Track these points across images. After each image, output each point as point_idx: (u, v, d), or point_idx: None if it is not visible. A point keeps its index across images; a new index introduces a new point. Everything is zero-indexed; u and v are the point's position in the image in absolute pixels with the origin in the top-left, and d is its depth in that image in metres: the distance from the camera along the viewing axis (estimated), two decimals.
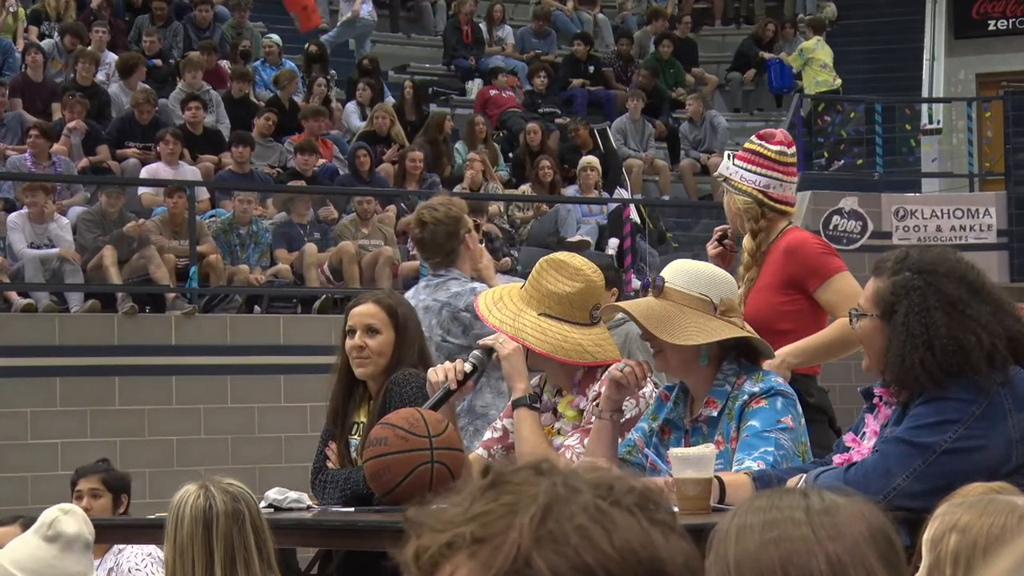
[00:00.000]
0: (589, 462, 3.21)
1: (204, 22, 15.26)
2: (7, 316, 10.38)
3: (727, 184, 4.82)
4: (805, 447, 3.82)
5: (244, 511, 3.49)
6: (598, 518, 1.27)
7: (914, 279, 3.40)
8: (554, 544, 1.25)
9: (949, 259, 3.46)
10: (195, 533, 3.44)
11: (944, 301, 3.35)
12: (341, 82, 15.52)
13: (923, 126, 16.14)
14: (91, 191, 12.01)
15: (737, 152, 4.88)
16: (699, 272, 3.93)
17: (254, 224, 11.69)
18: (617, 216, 13.33)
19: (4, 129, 12.34)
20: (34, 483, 9.39)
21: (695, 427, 3.89)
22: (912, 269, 3.41)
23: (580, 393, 4.24)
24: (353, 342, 4.56)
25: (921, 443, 3.32)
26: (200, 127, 13.04)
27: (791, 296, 4.76)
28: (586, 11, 18.57)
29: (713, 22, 19.76)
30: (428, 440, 4.05)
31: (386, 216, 12.60)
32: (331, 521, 4.17)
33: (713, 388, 3.85)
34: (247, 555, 3.45)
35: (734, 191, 4.80)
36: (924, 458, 3.31)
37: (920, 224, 13.91)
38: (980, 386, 3.32)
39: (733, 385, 3.82)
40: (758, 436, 3.71)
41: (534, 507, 1.28)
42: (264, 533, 3.54)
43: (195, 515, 3.45)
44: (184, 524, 3.45)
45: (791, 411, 3.78)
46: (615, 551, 1.26)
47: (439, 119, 14.32)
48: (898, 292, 3.39)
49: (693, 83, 17.59)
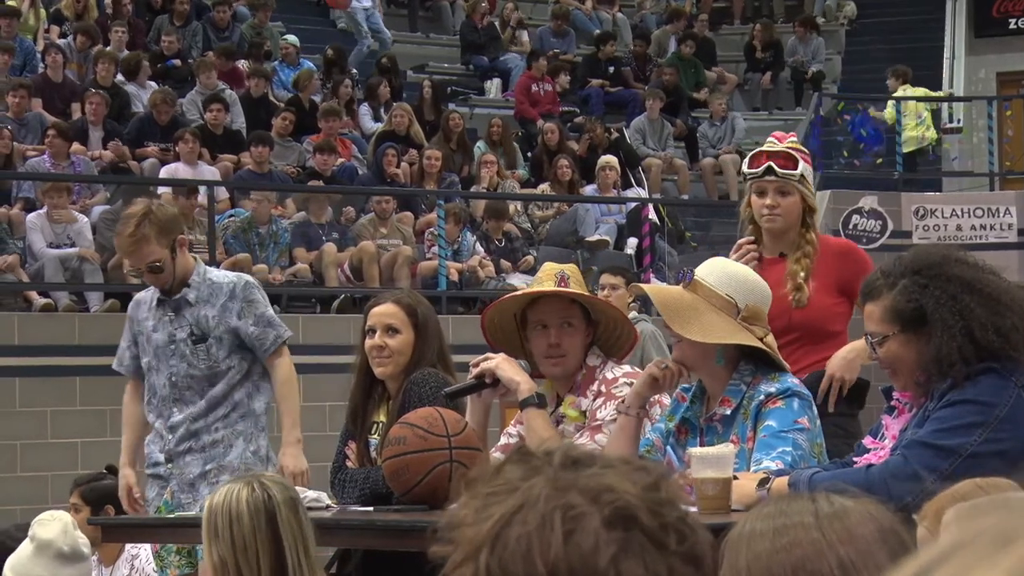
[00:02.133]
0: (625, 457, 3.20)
1: (223, 22, 15.29)
2: (27, 315, 10.41)
3: (801, 184, 4.66)
4: (821, 448, 3.81)
5: (296, 498, 3.52)
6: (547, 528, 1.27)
7: (918, 280, 3.36)
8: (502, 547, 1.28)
9: (933, 251, 3.46)
10: (258, 526, 3.42)
11: (965, 287, 3.33)
12: (360, 82, 15.54)
13: (943, 125, 16.09)
14: (111, 191, 12.04)
15: (800, 153, 4.74)
16: (733, 273, 3.91)
17: (273, 224, 11.70)
18: (636, 216, 13.32)
19: (24, 129, 12.37)
20: (53, 482, 9.40)
21: (709, 426, 3.88)
22: (907, 275, 3.38)
23: (581, 394, 4.23)
24: (373, 342, 4.56)
25: (947, 446, 3.30)
26: (220, 127, 13.07)
27: (840, 299, 4.72)
28: (605, 10, 18.56)
29: (732, 20, 19.73)
30: (447, 439, 4.05)
31: (404, 216, 12.61)
32: (350, 520, 4.17)
33: (729, 387, 3.84)
34: (306, 542, 3.46)
35: (807, 191, 4.67)
36: (951, 461, 3.28)
37: (940, 223, 13.86)
38: (1005, 379, 3.29)
39: (749, 385, 3.82)
40: (776, 436, 3.71)
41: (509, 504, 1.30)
42: (309, 520, 3.55)
43: (255, 508, 3.44)
44: (243, 520, 3.42)
45: (807, 412, 3.78)
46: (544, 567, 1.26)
47: (448, 118, 14.32)
48: (913, 297, 3.36)
49: (714, 80, 17.56)
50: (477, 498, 1.32)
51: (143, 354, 5.59)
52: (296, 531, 3.46)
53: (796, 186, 4.65)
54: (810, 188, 4.70)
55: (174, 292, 5.54)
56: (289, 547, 3.44)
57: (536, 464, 1.34)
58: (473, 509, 1.32)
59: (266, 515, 3.43)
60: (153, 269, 5.45)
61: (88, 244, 10.95)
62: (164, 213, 5.60)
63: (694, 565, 1.32)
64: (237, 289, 5.57)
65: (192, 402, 5.53)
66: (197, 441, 5.53)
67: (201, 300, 5.53)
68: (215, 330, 5.51)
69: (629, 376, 4.20)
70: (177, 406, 5.54)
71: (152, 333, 5.56)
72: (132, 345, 5.64)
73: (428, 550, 1.36)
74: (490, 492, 1.32)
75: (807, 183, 4.68)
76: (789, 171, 4.63)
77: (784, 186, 4.64)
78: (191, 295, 5.53)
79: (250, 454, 5.58)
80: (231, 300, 5.54)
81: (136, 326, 5.63)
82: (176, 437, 5.53)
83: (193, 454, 5.53)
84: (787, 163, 4.64)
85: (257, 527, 3.42)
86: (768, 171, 4.64)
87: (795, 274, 4.62)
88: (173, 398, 5.54)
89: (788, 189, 4.65)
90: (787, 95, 18.04)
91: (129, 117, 13.26)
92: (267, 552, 3.42)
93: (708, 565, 1.35)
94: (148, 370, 5.58)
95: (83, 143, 12.33)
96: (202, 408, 5.54)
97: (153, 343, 5.56)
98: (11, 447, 9.89)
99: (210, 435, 5.53)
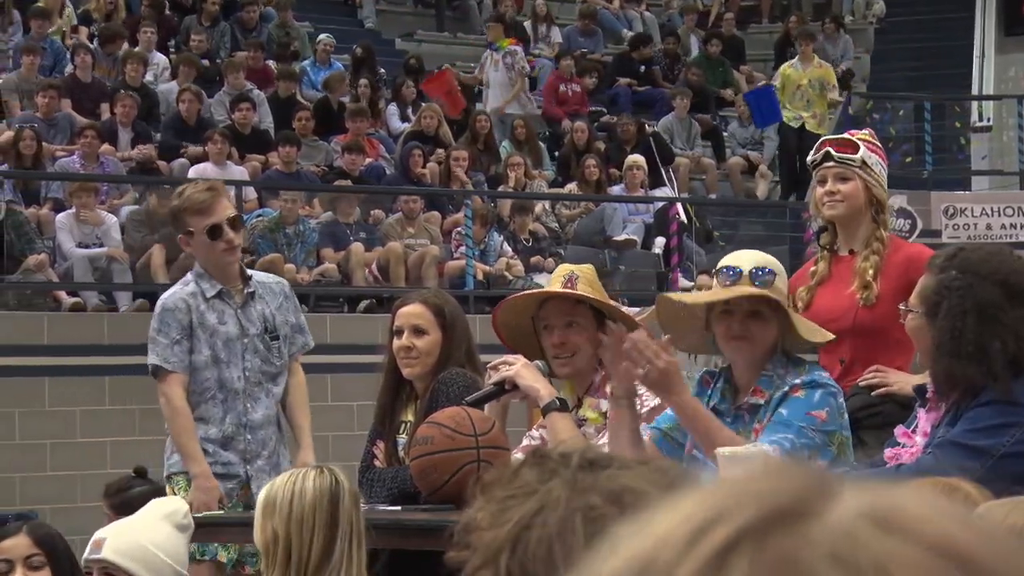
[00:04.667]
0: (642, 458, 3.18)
1: (251, 22, 15.33)
2: (56, 315, 10.45)
3: (863, 171, 4.57)
4: (843, 441, 3.81)
5: (359, 496, 3.56)
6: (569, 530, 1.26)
7: (956, 279, 3.38)
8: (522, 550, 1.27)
9: (994, 260, 3.44)
10: (319, 506, 3.45)
11: (979, 305, 3.33)
12: (388, 82, 15.55)
13: (973, 123, 16.02)
14: (140, 191, 12.08)
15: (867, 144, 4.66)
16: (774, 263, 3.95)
17: (300, 224, 11.72)
18: (663, 215, 13.29)
19: (54, 130, 12.42)
20: (83, 482, 9.43)
21: (737, 414, 3.88)
22: (958, 268, 3.39)
23: (600, 395, 4.22)
24: (400, 343, 4.55)
25: (978, 447, 3.29)
26: (248, 127, 13.10)
27: None
28: (632, 9, 18.53)
29: (760, 19, 19.67)
30: (474, 439, 4.05)
31: (431, 216, 12.62)
32: (378, 519, 4.17)
33: (762, 377, 3.84)
34: (360, 536, 3.49)
35: (871, 180, 4.58)
36: (982, 462, 3.27)
37: (970, 222, 13.80)
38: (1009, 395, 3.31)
39: (781, 377, 3.82)
40: (782, 422, 3.73)
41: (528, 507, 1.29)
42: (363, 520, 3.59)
43: (321, 489, 3.47)
44: (306, 496, 3.46)
45: (829, 403, 3.78)
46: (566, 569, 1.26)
47: (475, 119, 14.31)
48: (940, 292, 3.38)
49: (745, 78, 17.50)
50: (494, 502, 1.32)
51: (203, 347, 5.32)
52: (354, 522, 3.49)
53: (856, 172, 4.55)
54: (879, 180, 4.58)
55: (236, 283, 5.39)
56: (343, 534, 3.46)
57: (553, 466, 1.33)
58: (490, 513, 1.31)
59: (330, 496, 3.47)
60: (235, 223, 5.30)
61: (117, 244, 10.99)
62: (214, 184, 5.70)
63: None
64: (287, 290, 5.59)
65: (260, 399, 5.42)
66: (266, 446, 5.45)
67: (259, 297, 5.46)
68: (282, 328, 5.46)
69: None
70: (250, 402, 5.39)
71: (219, 326, 5.34)
72: (184, 339, 5.32)
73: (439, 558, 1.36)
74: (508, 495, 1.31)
75: (871, 172, 4.57)
76: (847, 155, 4.55)
77: (844, 172, 4.55)
78: (256, 290, 5.41)
79: (288, 463, 5.51)
80: (286, 300, 5.53)
81: (196, 317, 5.32)
82: (258, 438, 5.40)
83: (263, 458, 5.43)
84: (846, 148, 4.58)
85: (319, 505, 3.45)
86: (826, 157, 4.57)
87: (864, 271, 4.52)
88: (247, 393, 5.39)
89: (848, 175, 4.56)
90: None
91: (158, 118, 13.31)
92: (322, 533, 3.45)
93: None
94: (211, 364, 5.34)
95: (112, 144, 12.37)
96: (273, 411, 5.45)
97: (222, 336, 5.33)
98: (40, 446, 9.93)
99: (272, 441, 5.49)
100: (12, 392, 9.92)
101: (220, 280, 5.38)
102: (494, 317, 4.38)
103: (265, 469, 5.37)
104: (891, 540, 0.71)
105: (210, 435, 5.34)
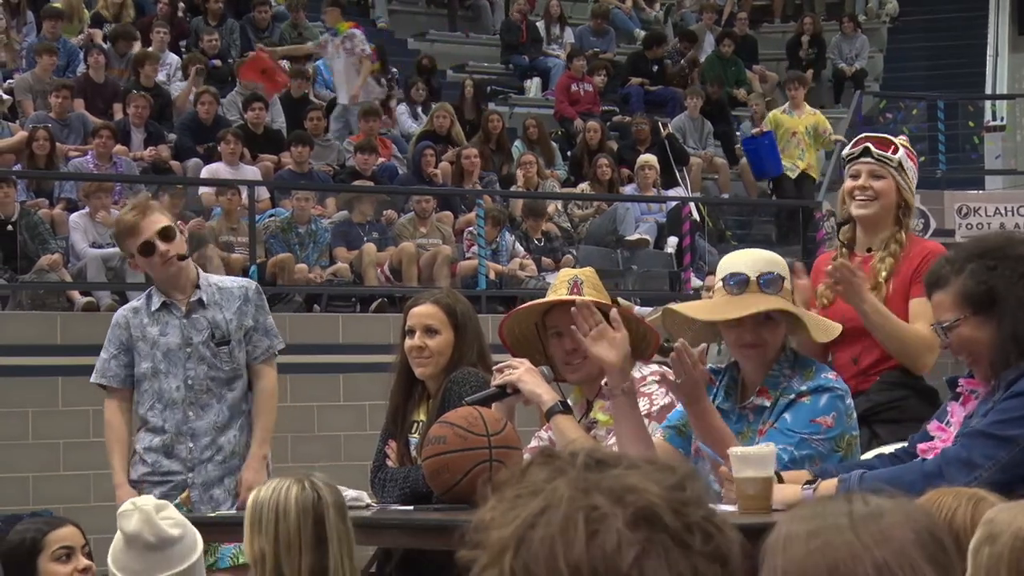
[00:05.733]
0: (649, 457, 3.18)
1: (263, 22, 15.34)
2: (69, 315, 10.47)
3: (898, 173, 4.56)
4: (851, 441, 3.80)
5: (343, 503, 3.52)
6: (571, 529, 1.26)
7: (984, 263, 3.36)
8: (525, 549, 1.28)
9: (993, 238, 3.48)
10: (304, 525, 3.41)
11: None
12: (400, 81, 15.56)
13: (986, 123, 16.00)
14: (152, 191, 12.10)
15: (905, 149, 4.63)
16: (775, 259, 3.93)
17: (313, 223, 11.73)
18: (676, 215, 13.28)
19: (67, 130, 12.45)
20: (96, 481, 9.45)
21: (741, 414, 3.88)
22: (973, 259, 3.38)
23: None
24: (412, 343, 4.55)
25: (1006, 436, 3.30)
26: (261, 127, 13.12)
27: None
28: (645, 8, 18.53)
29: (773, 19, 19.66)
30: (487, 439, 4.04)
31: (444, 215, 12.62)
32: (390, 519, 4.17)
33: (768, 377, 3.84)
34: (350, 548, 3.46)
35: (903, 183, 4.57)
36: (1008, 450, 3.29)
37: (983, 221, 13.77)
38: None
39: (787, 378, 3.82)
40: (783, 431, 3.72)
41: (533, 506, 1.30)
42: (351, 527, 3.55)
43: (303, 507, 3.43)
44: (290, 516, 3.42)
45: (836, 407, 3.77)
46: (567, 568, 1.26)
47: (488, 119, 14.30)
48: (982, 279, 3.36)
49: (758, 77, 17.48)
50: (503, 501, 1.32)
51: (143, 360, 5.47)
52: (343, 535, 3.46)
53: (892, 172, 4.54)
54: (909, 183, 4.58)
55: (181, 295, 5.45)
56: (334, 550, 3.43)
57: (560, 466, 1.33)
58: (499, 512, 1.32)
59: (314, 516, 3.43)
60: (166, 235, 5.33)
61: None
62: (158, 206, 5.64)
63: (720, 564, 1.31)
64: (250, 293, 5.56)
65: (209, 406, 5.47)
66: (220, 451, 5.50)
67: (213, 303, 5.48)
68: (236, 333, 5.48)
69: (656, 374, 4.19)
70: (193, 410, 5.46)
71: (160, 337, 5.46)
72: (121, 354, 5.49)
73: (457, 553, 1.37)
74: (515, 495, 1.32)
75: (905, 175, 4.56)
76: (886, 154, 4.54)
77: (879, 170, 4.54)
78: (203, 297, 5.47)
79: None
80: (245, 304, 5.53)
81: (134, 332, 5.47)
82: (200, 445, 5.46)
83: (215, 463, 5.48)
84: (885, 147, 4.56)
85: (303, 526, 3.42)
86: (865, 152, 4.55)
87: (877, 272, 4.51)
88: (189, 401, 5.46)
89: (883, 173, 4.54)
90: (828, 93, 17.95)
91: (171, 117, 13.33)
92: (310, 552, 3.42)
93: (736, 564, 1.33)
94: (150, 375, 5.46)
95: (125, 144, 12.39)
96: (225, 416, 5.48)
97: (162, 347, 5.45)
98: (54, 446, 9.95)
99: (230, 445, 5.50)
100: (25, 392, 9.94)
101: (170, 291, 5.46)
102: (501, 326, 4.38)
103: (216, 474, 5.46)
104: None
105: (153, 444, 5.48)
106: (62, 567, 3.97)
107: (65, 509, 9.07)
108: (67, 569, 3.97)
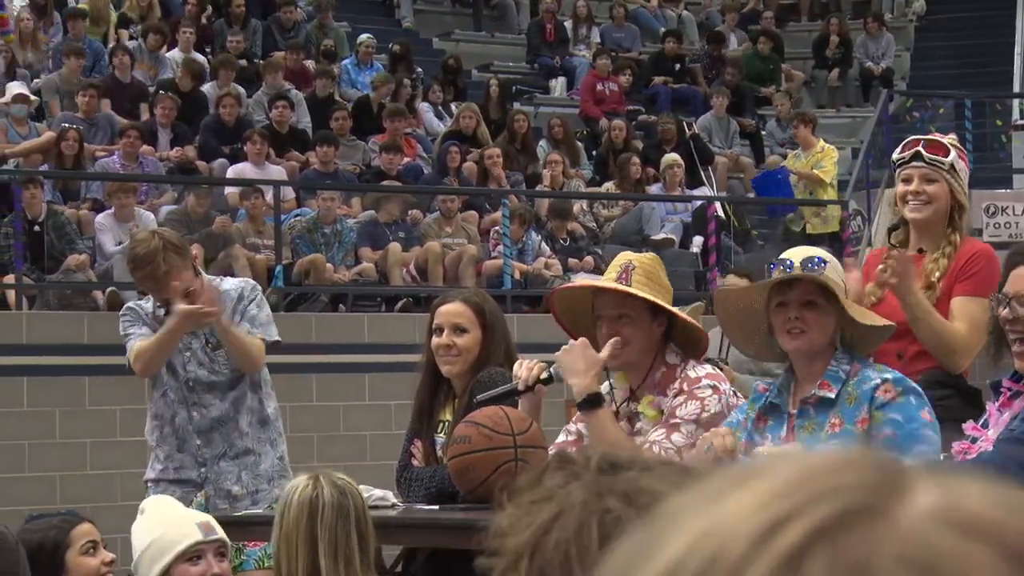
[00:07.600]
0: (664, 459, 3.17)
1: (289, 22, 15.36)
2: (95, 315, 10.50)
3: (950, 175, 4.53)
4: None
5: (350, 506, 3.51)
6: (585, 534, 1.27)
7: None
8: (541, 555, 1.28)
9: None
10: (300, 521, 3.46)
11: None
12: (425, 81, 15.56)
13: (1014, 121, 15.91)
14: (178, 191, 12.13)
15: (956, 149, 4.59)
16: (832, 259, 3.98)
17: (339, 223, 11.74)
18: (702, 214, 13.25)
19: (95, 129, 12.49)
20: (123, 481, 9.47)
21: (802, 409, 3.88)
22: None
23: (660, 392, 4.19)
24: (440, 341, 4.55)
25: None
26: (286, 126, 13.13)
27: None
28: (670, 8, 18.49)
29: (799, 17, 19.60)
30: (512, 438, 4.04)
31: (469, 215, 12.62)
32: (416, 519, 4.17)
33: (827, 372, 3.85)
34: (348, 551, 3.46)
35: (956, 185, 4.54)
36: None
37: (1011, 221, 13.69)
38: None
39: (847, 372, 3.84)
40: (910, 435, 3.74)
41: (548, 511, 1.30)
42: (367, 531, 3.54)
43: (302, 503, 3.48)
44: (291, 511, 3.48)
45: (924, 402, 3.82)
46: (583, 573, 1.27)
47: (513, 119, 14.29)
48: None
49: (784, 76, 17.44)
50: (519, 507, 1.32)
51: None
52: (338, 537, 3.46)
53: (944, 175, 4.52)
54: (961, 184, 4.55)
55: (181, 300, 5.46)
56: (324, 552, 3.44)
57: (575, 470, 1.33)
58: (514, 519, 1.32)
59: (308, 513, 3.47)
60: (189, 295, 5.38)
61: None
62: (173, 237, 5.62)
63: None
64: (245, 291, 5.62)
65: (211, 404, 5.54)
66: (232, 448, 5.52)
67: None
68: None
69: (711, 377, 4.16)
70: (196, 409, 5.55)
71: None
72: (147, 329, 5.59)
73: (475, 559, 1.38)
74: (530, 501, 1.32)
75: (958, 176, 4.54)
76: (938, 157, 4.52)
77: (931, 174, 4.52)
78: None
79: (277, 460, 5.64)
80: (239, 303, 5.56)
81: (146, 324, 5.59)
82: (205, 440, 5.53)
83: (228, 460, 5.52)
84: (937, 150, 4.54)
85: (298, 522, 3.46)
86: (916, 156, 4.53)
87: (930, 273, 4.50)
88: (191, 401, 5.55)
89: (935, 177, 4.52)
90: (855, 92, 17.87)
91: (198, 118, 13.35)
92: (304, 550, 3.45)
93: None
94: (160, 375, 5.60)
95: (152, 144, 12.43)
96: (228, 411, 5.54)
97: None
98: (80, 445, 9.98)
99: (243, 441, 5.52)
100: (52, 391, 9.97)
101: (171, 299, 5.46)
102: (552, 306, 4.38)
103: (231, 471, 5.53)
104: (967, 544, 0.68)
105: (165, 434, 5.60)
106: (91, 559, 4.10)
107: (92, 508, 9.08)
108: (95, 561, 4.10)
